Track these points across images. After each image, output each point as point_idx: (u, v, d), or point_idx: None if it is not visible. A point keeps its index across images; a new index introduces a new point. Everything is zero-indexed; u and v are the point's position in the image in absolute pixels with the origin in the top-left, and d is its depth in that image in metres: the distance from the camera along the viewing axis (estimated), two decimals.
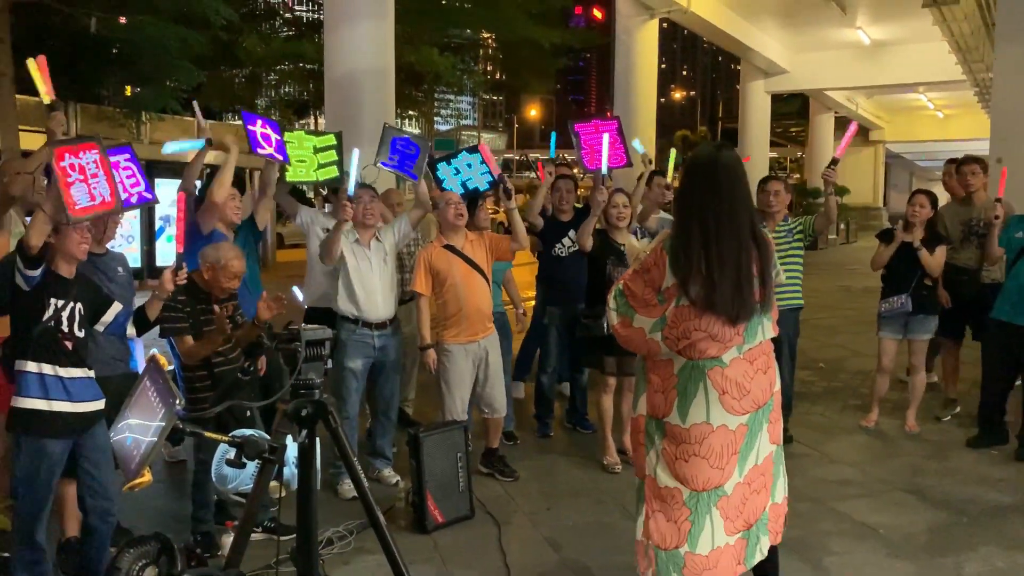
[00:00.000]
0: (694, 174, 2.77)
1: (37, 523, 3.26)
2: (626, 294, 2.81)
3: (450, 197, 4.77)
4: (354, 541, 3.94)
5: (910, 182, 42.93)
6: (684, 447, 2.71)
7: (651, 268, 2.75)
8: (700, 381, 2.70)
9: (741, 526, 2.77)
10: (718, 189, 2.68)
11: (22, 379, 3.22)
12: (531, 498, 4.60)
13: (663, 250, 2.71)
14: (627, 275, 2.86)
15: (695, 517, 2.72)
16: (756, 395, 2.74)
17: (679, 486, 2.74)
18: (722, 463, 2.70)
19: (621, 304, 2.82)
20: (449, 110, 30.36)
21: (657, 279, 2.73)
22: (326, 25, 8.31)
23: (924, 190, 5.83)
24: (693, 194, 2.72)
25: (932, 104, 28.41)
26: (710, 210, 2.65)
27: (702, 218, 2.65)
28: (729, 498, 2.73)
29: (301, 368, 2.63)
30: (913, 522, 4.29)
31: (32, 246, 3.11)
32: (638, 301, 2.77)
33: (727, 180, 2.68)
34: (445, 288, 4.67)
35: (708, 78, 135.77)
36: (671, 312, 2.69)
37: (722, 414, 2.69)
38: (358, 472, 2.73)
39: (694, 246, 2.64)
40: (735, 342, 2.70)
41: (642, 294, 2.77)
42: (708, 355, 2.69)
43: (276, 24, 19.37)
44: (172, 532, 3.89)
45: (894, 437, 5.75)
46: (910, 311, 5.59)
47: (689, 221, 2.69)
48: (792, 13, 18.06)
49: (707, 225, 2.64)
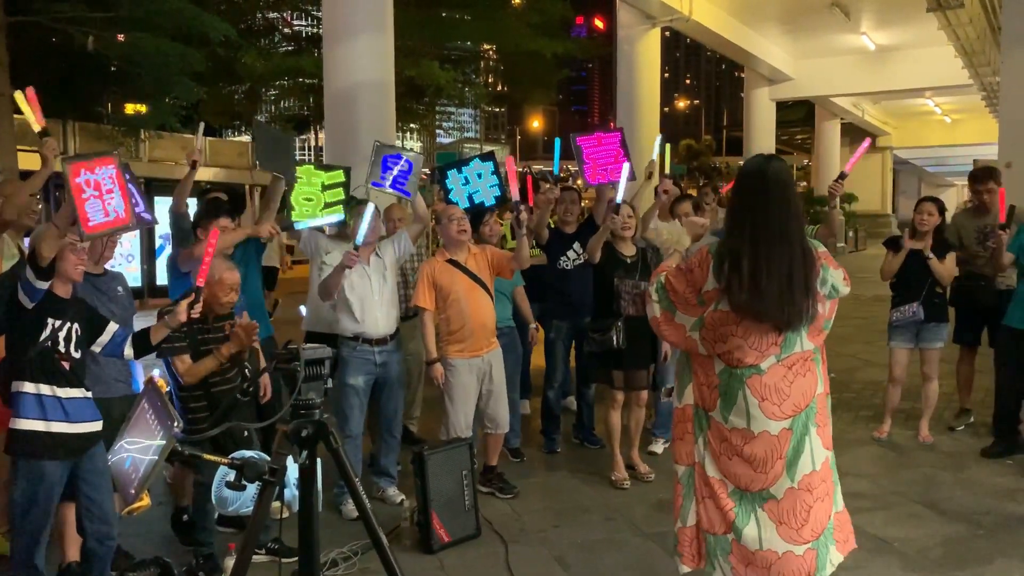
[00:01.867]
0: (744, 184, 2.81)
1: (36, 548, 3.23)
2: (668, 289, 2.85)
3: (452, 212, 4.73)
4: (359, 562, 3.88)
5: (919, 188, 42.78)
6: (726, 445, 2.77)
7: (694, 269, 2.78)
8: (739, 389, 2.72)
9: (808, 536, 2.75)
10: (767, 198, 2.70)
11: (19, 400, 3.20)
12: (538, 515, 4.53)
13: (709, 253, 2.74)
14: (670, 270, 2.89)
15: (739, 511, 2.77)
16: (797, 399, 2.74)
17: (723, 479, 2.79)
18: (766, 468, 2.72)
19: (663, 298, 2.86)
20: (451, 123, 30.31)
21: (699, 280, 2.77)
22: (325, 39, 8.27)
23: (931, 197, 5.78)
24: (742, 202, 2.77)
25: (939, 109, 28.33)
26: (759, 218, 2.68)
27: (752, 226, 2.68)
28: (779, 502, 2.73)
29: (301, 388, 2.60)
30: (928, 535, 4.22)
31: (44, 256, 3.12)
32: (679, 298, 2.82)
33: (777, 189, 2.71)
34: (448, 303, 4.63)
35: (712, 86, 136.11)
36: (709, 315, 2.73)
37: (763, 420, 2.71)
38: (359, 492, 2.70)
39: (742, 253, 2.65)
40: (772, 352, 2.71)
41: (683, 292, 2.81)
42: (745, 363, 2.70)
43: (275, 39, 19.34)
44: (173, 556, 3.88)
45: (907, 448, 5.68)
46: (922, 320, 5.52)
47: (738, 229, 2.71)
48: (795, 19, 18.02)
49: (756, 233, 2.66)
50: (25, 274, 3.16)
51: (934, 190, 41.21)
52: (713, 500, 2.81)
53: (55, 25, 11.29)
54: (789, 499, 2.73)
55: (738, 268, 2.65)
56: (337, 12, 7.82)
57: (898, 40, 19.08)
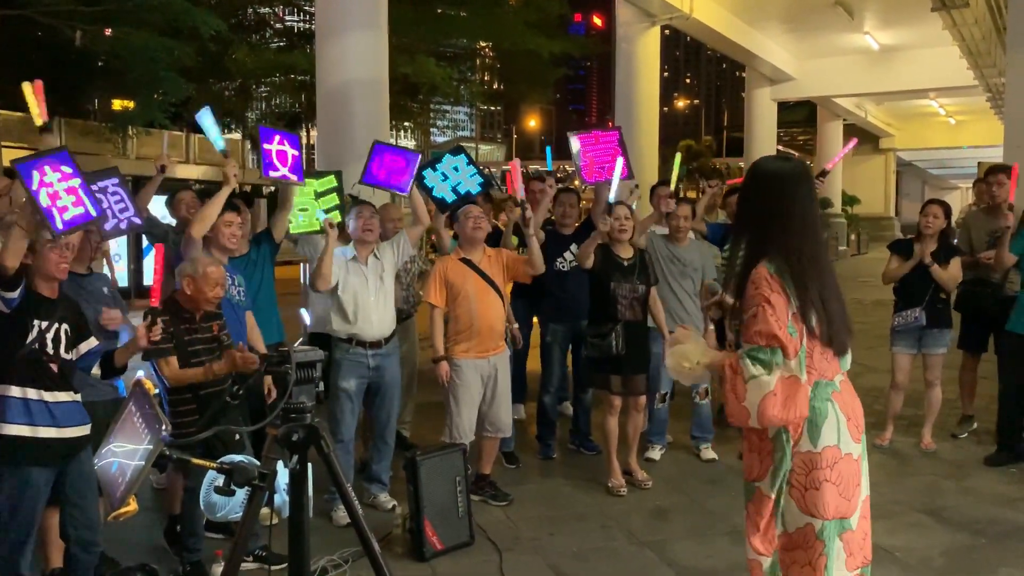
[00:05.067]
0: (790, 185, 2.46)
1: (20, 555, 3.18)
2: (776, 345, 2.34)
3: (469, 210, 4.69)
4: (349, 570, 3.81)
5: (922, 191, 42.74)
6: (815, 474, 2.43)
7: (771, 298, 2.35)
8: (828, 400, 2.44)
9: (860, 562, 2.55)
10: (809, 206, 2.48)
11: (5, 405, 3.12)
12: (533, 523, 4.46)
13: (772, 274, 2.36)
14: (764, 322, 2.34)
15: (828, 550, 2.45)
16: (859, 419, 2.54)
17: (810, 520, 2.46)
18: (848, 493, 2.48)
19: (770, 359, 2.33)
20: (446, 121, 30.18)
21: (783, 306, 2.36)
22: (318, 35, 8.18)
23: (937, 200, 5.71)
24: (794, 208, 2.43)
25: (943, 110, 28.24)
26: (806, 230, 2.41)
27: (812, 238, 2.41)
28: (853, 533, 2.51)
29: (292, 391, 2.55)
30: (930, 544, 4.16)
31: (8, 267, 3.00)
32: (785, 342, 2.35)
33: (811, 194, 2.51)
34: (457, 302, 4.58)
35: (712, 86, 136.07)
36: (805, 336, 2.38)
37: (848, 441, 2.47)
38: (351, 499, 2.65)
39: (807, 272, 2.37)
40: (836, 367, 2.52)
41: (783, 335, 2.35)
42: (826, 377, 2.48)
43: (267, 35, 19.20)
44: (159, 562, 3.80)
45: (909, 455, 5.60)
46: (924, 326, 5.44)
47: (796, 240, 2.39)
48: (798, 18, 17.93)
49: (804, 247, 2.39)
50: None
51: (938, 192, 41.15)
52: (796, 557, 2.49)
53: (42, 19, 11.18)
54: (860, 528, 2.52)
55: (806, 290, 2.35)
56: (330, 7, 7.74)
57: (902, 40, 18.99)
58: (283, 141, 4.47)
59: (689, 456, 5.51)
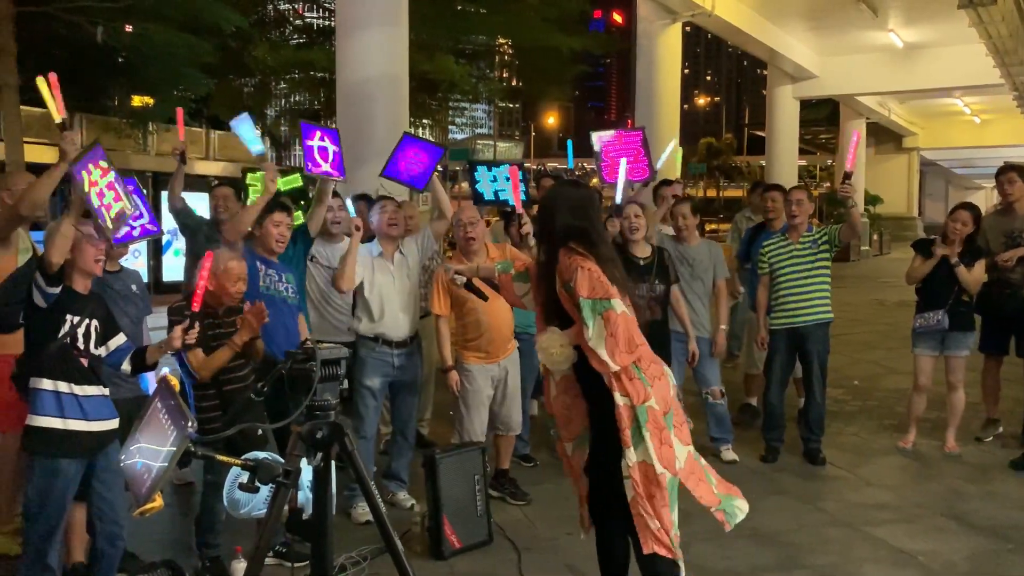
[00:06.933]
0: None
1: (49, 545, 3.22)
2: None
3: (462, 217, 4.53)
4: (368, 567, 3.81)
5: (946, 191, 42.18)
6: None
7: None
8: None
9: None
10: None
11: (37, 397, 3.19)
12: (551, 523, 4.44)
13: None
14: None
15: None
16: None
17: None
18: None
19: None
20: (464, 118, 30.00)
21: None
22: (338, 32, 8.18)
23: (967, 204, 5.61)
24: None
25: (968, 109, 27.84)
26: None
27: None
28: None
29: (316, 389, 2.55)
30: (954, 549, 4.11)
31: (53, 263, 3.09)
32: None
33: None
34: (465, 311, 4.51)
35: (733, 83, 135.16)
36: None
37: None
38: (375, 497, 2.66)
39: None
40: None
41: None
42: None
43: (286, 31, 19.24)
44: (177, 557, 3.82)
45: (933, 459, 5.54)
46: (946, 328, 5.37)
47: None
48: (821, 16, 17.74)
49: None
50: (36, 279, 3.13)
51: (962, 193, 40.65)
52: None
53: (62, 15, 11.25)
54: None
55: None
56: (350, 4, 7.74)
57: (927, 38, 18.75)
58: (324, 137, 4.46)
59: (709, 458, 5.45)
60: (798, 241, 5.30)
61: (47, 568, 3.20)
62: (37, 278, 3.12)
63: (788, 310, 5.31)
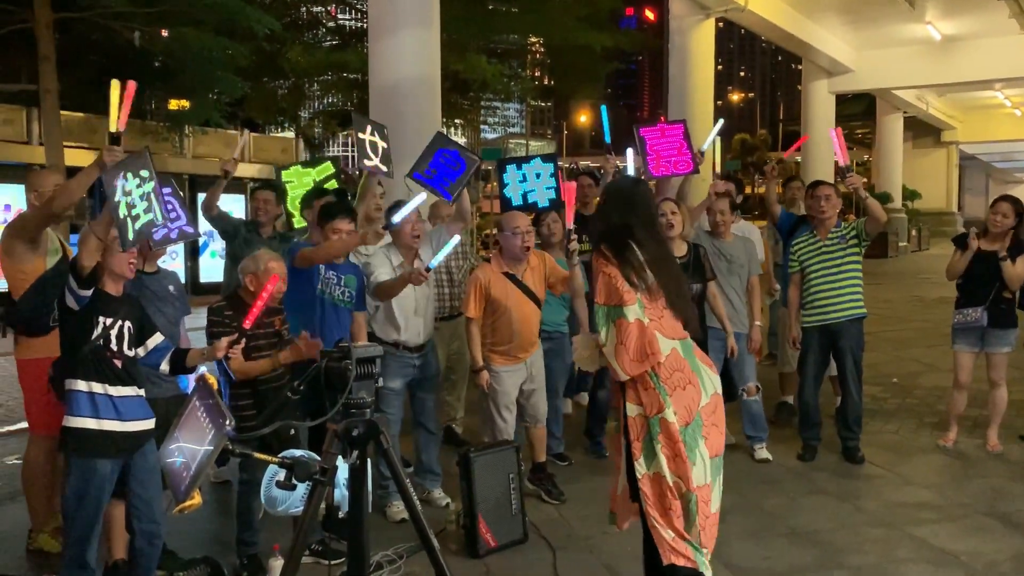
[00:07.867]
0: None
1: (88, 544, 3.26)
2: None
3: (518, 225, 4.49)
4: (404, 565, 3.84)
5: (986, 185, 41.30)
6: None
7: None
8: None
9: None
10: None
11: (72, 398, 3.23)
12: (587, 521, 4.42)
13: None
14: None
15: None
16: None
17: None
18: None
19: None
20: (496, 118, 30.10)
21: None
22: (370, 34, 8.24)
23: (1009, 197, 5.49)
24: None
25: (1009, 102, 27.29)
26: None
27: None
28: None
29: (352, 387, 2.58)
30: (997, 549, 4.03)
31: (85, 267, 3.13)
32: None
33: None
34: (498, 314, 4.51)
35: (768, 79, 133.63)
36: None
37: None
38: (411, 495, 2.67)
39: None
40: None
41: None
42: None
43: (319, 34, 19.41)
44: (216, 555, 3.87)
45: (975, 457, 5.43)
46: (985, 325, 5.27)
47: None
48: (857, 9, 17.49)
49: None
50: (69, 282, 3.17)
51: (1003, 187, 39.75)
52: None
53: (100, 20, 11.45)
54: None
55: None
56: (383, 6, 7.80)
57: (966, 30, 18.39)
58: (374, 132, 4.48)
59: (744, 456, 5.41)
60: (826, 238, 5.24)
61: (85, 566, 3.24)
62: (69, 281, 3.16)
63: (820, 307, 5.24)
